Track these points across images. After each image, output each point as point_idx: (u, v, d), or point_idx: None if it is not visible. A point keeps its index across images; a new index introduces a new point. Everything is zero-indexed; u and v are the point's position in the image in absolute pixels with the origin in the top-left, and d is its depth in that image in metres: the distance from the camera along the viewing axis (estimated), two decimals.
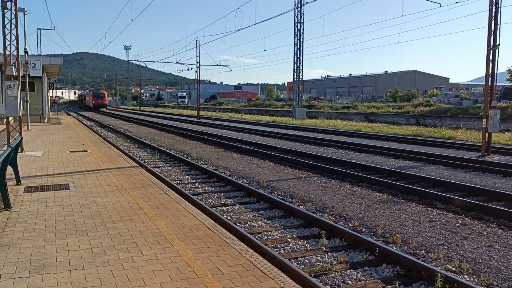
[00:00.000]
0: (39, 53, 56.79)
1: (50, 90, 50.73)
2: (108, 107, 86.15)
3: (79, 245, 5.28)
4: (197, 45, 48.33)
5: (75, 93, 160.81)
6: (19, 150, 12.59)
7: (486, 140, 16.25)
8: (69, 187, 8.88)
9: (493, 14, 15.92)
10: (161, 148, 18.36)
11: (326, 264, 5.81)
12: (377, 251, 6.00)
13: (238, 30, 28.09)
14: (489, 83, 16.36)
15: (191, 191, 10.38)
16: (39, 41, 62.36)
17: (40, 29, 65.24)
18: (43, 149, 15.52)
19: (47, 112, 38.51)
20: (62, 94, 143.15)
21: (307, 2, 35.76)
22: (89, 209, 7.09)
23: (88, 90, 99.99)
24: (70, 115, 54.71)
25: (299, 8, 41.50)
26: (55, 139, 19.44)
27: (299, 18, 42.19)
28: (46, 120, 33.78)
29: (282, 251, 6.40)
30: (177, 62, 55.12)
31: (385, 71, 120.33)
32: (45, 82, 37.52)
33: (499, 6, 15.92)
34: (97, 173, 10.61)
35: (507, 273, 5.53)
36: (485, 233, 7.18)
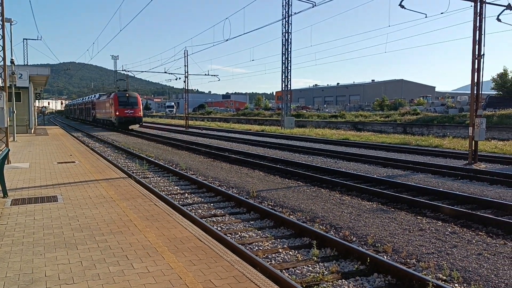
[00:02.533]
0: (25, 63, 56.32)
1: (37, 101, 50.20)
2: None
3: (69, 259, 5.21)
4: (185, 54, 48.44)
5: (61, 103, 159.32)
6: (6, 162, 12.42)
7: (473, 148, 16.44)
8: (57, 199, 8.77)
9: (478, 25, 16.20)
10: (150, 159, 18.26)
11: (317, 274, 5.80)
12: (368, 260, 6.01)
13: (227, 40, 28.19)
14: (475, 92, 16.61)
15: (180, 202, 10.32)
16: (25, 51, 61.57)
17: (26, 39, 64.74)
18: (30, 160, 15.34)
19: (34, 122, 38.12)
20: (48, 104, 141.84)
21: (295, 13, 36.01)
22: (78, 221, 7.01)
23: (97, 94, 57.93)
24: (57, 125, 54.20)
25: (286, 19, 41.84)
26: (42, 150, 19.23)
27: (287, 28, 42.51)
28: (32, 130, 33.43)
29: (273, 261, 6.38)
30: (165, 72, 54.98)
31: (372, 80, 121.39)
32: (32, 92, 37.20)
33: (483, 17, 16.22)
34: (86, 184, 10.50)
35: (496, 281, 5.57)
36: (474, 241, 7.25)
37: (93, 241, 5.94)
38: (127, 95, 42.97)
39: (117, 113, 41.30)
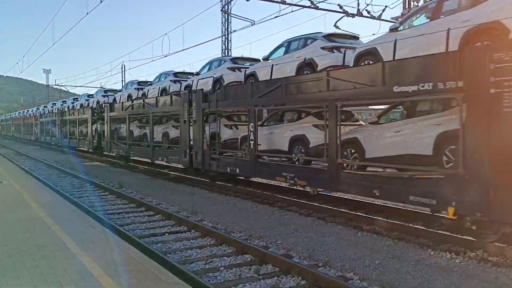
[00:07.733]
0: None
1: None
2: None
3: None
4: (123, 69, 47.45)
5: None
6: None
7: None
8: None
9: None
10: (85, 177, 17.55)
11: None
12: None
13: (166, 56, 27.72)
14: None
15: (118, 222, 9.99)
16: None
17: None
18: None
19: None
20: None
21: (234, 30, 36.56)
22: (6, 246, 6.55)
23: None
24: None
25: (226, 36, 42.23)
26: None
27: (226, 45, 42.85)
28: None
29: (215, 280, 6.33)
30: (101, 87, 53.39)
31: None
32: None
33: None
34: (15, 206, 9.87)
35: None
36: (411, 254, 7.59)
37: (23, 267, 5.59)
38: None
39: None
